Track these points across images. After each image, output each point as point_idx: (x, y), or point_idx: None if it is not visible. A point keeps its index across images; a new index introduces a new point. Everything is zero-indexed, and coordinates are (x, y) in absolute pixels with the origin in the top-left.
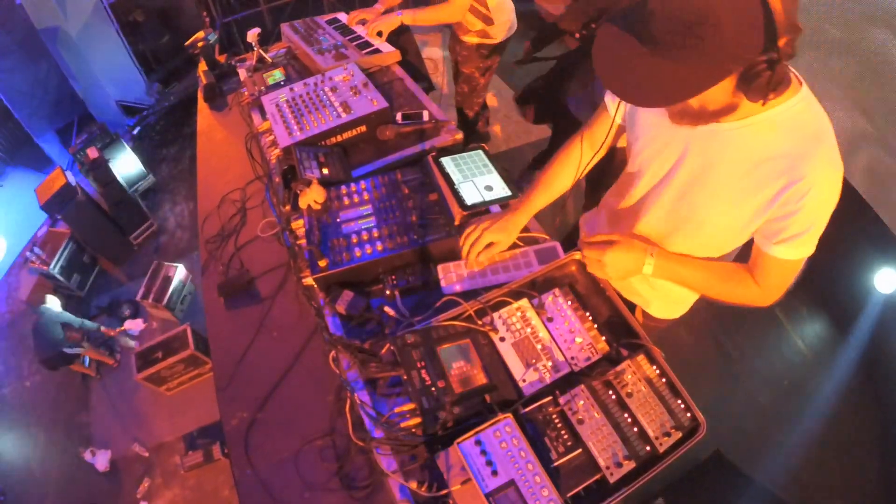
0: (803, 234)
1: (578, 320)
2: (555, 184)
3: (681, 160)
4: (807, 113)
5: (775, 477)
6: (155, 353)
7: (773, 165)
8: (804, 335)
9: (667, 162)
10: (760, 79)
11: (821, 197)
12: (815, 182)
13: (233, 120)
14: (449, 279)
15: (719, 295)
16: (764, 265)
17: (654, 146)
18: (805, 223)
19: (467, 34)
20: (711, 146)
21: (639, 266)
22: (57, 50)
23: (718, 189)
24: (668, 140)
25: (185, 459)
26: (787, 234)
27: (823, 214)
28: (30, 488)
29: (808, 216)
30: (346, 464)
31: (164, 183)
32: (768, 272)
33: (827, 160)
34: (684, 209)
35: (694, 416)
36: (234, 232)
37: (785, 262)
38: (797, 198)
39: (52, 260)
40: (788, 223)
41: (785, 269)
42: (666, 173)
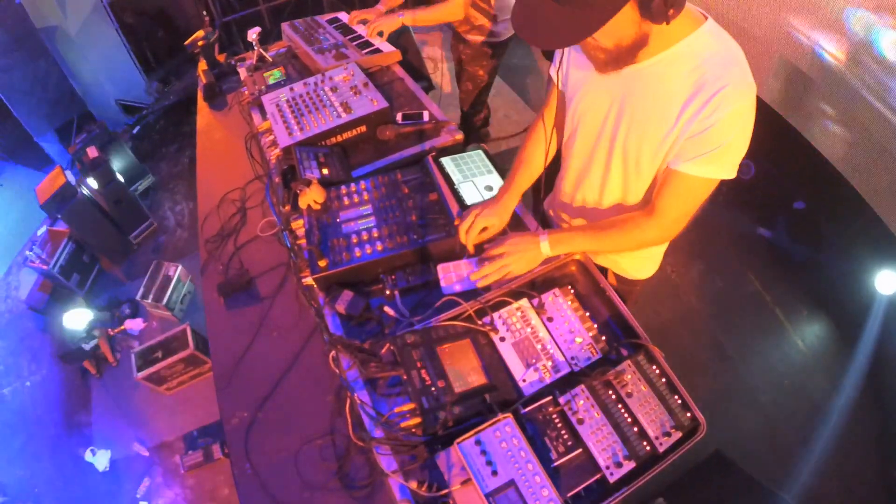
0: (718, 149)
1: (578, 320)
2: (531, 162)
3: (610, 107)
4: (715, 40)
5: (775, 477)
6: (155, 352)
7: (690, 89)
8: (804, 335)
9: (599, 112)
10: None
11: (736, 110)
12: (728, 95)
13: (232, 119)
14: (448, 279)
15: (622, 246)
16: (672, 187)
17: (586, 100)
18: (716, 140)
19: (471, 32)
20: (633, 87)
21: (536, 249)
22: (56, 49)
23: (646, 126)
24: (596, 91)
25: (185, 459)
26: (697, 151)
27: (739, 131)
28: (29, 488)
29: (722, 130)
30: (346, 464)
31: (163, 182)
32: (674, 195)
33: (739, 76)
34: (621, 152)
35: (694, 416)
36: (234, 231)
37: (693, 181)
38: (712, 111)
39: (51, 259)
40: (703, 138)
41: (693, 190)
42: (600, 123)
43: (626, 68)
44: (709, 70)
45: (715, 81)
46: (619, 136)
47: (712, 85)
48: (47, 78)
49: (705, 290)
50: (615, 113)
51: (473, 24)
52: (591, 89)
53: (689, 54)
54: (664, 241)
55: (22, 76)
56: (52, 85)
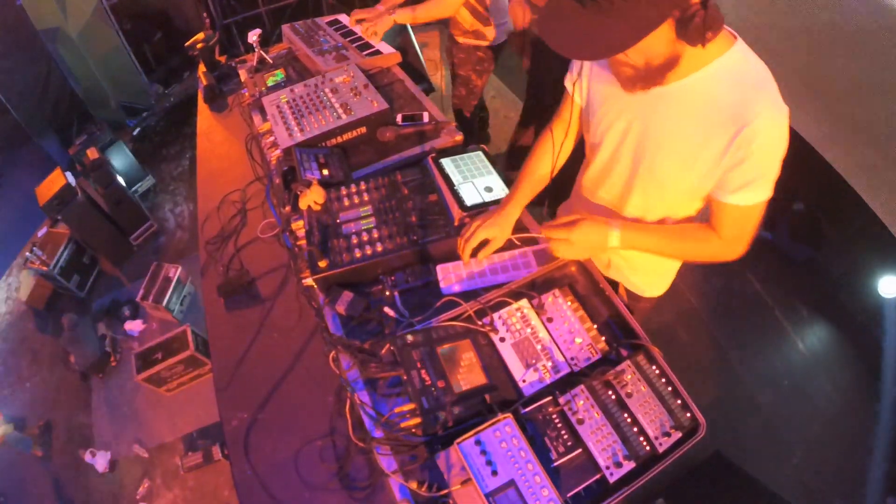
0: (757, 179)
1: (578, 320)
2: (536, 174)
3: (634, 126)
4: (744, 63)
5: (775, 477)
6: (155, 353)
7: (720, 116)
8: (804, 336)
9: (621, 130)
10: (696, 20)
11: (769, 141)
12: (761, 127)
13: (233, 121)
14: (448, 280)
15: (687, 255)
16: (723, 216)
17: (609, 117)
18: (757, 168)
19: (463, 35)
20: (660, 109)
21: (604, 239)
22: (57, 51)
23: (673, 149)
24: (620, 109)
25: (185, 460)
26: (741, 180)
27: (774, 158)
28: (29, 489)
29: (759, 161)
30: (346, 464)
31: (164, 184)
32: (729, 222)
33: (770, 104)
34: (645, 174)
35: (694, 416)
36: (234, 233)
37: (743, 209)
38: (746, 143)
39: (51, 260)
40: (741, 171)
41: (744, 216)
42: (621, 141)
43: (653, 89)
44: (741, 96)
45: (748, 109)
46: (645, 158)
47: (746, 114)
48: (48, 80)
49: (705, 290)
50: (639, 133)
51: (467, 28)
52: (615, 106)
53: (720, 78)
54: (731, 258)
55: (23, 78)
56: (53, 86)
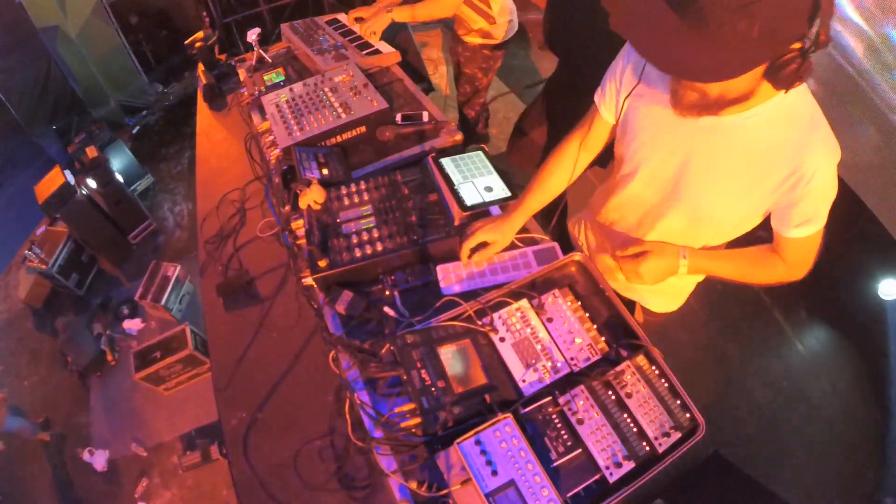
0: (816, 215)
1: (578, 321)
2: (549, 185)
3: (679, 156)
4: (800, 101)
5: (775, 477)
6: (153, 352)
7: (775, 155)
8: (803, 337)
9: (669, 158)
10: (792, 66)
11: (825, 181)
12: (818, 168)
13: (232, 120)
14: (448, 280)
15: (752, 279)
16: (787, 247)
17: (655, 143)
18: (815, 206)
19: (469, 34)
20: (712, 141)
21: (674, 269)
22: (56, 49)
23: (723, 182)
24: (669, 136)
25: (184, 459)
26: (801, 218)
27: (830, 195)
28: (28, 488)
29: (816, 200)
30: (346, 464)
31: (163, 183)
32: (793, 252)
33: (825, 144)
34: (684, 204)
35: (693, 417)
36: (234, 232)
37: (805, 240)
38: (803, 184)
39: (50, 259)
40: (800, 209)
41: (806, 244)
42: (666, 168)
43: (705, 119)
44: (797, 136)
45: (805, 150)
46: (688, 190)
47: (803, 154)
48: (47, 78)
49: (705, 291)
50: (686, 165)
51: (471, 26)
52: (662, 132)
53: (777, 117)
54: (796, 280)
55: (22, 76)
56: (52, 85)
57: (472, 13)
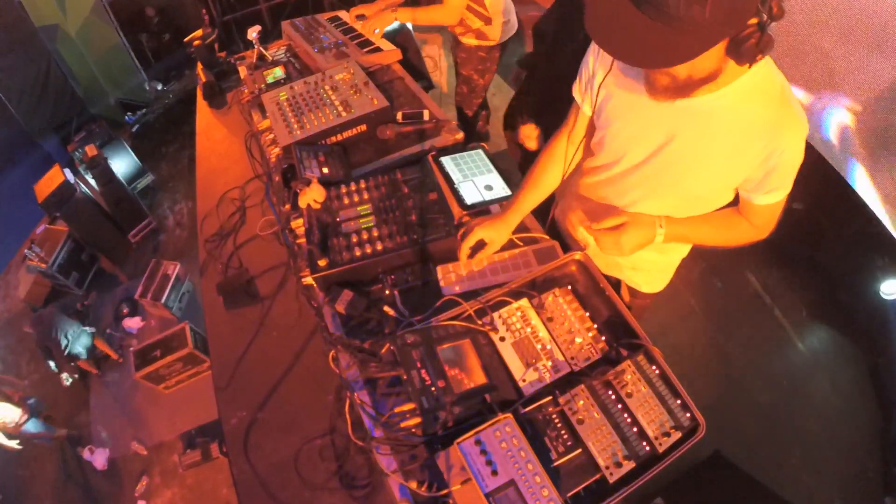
0: (784, 183)
1: (578, 320)
2: (543, 182)
3: (662, 139)
4: (770, 76)
5: (775, 477)
6: (153, 351)
7: (750, 132)
8: (803, 336)
9: (648, 142)
10: (751, 41)
11: (795, 152)
12: (789, 142)
13: (232, 118)
14: (448, 280)
15: (721, 241)
16: (755, 212)
17: (632, 128)
18: (785, 175)
19: (465, 35)
20: (692, 123)
21: (651, 237)
22: (56, 48)
23: (703, 162)
24: (646, 120)
25: (184, 458)
26: (770, 186)
27: (797, 164)
28: (28, 487)
29: (786, 170)
30: (346, 463)
31: (163, 181)
32: (760, 216)
33: (796, 119)
34: (670, 184)
35: (693, 417)
36: (234, 231)
37: (772, 206)
38: (776, 156)
39: (50, 258)
40: (771, 178)
41: (772, 209)
42: (650, 153)
43: (680, 101)
44: (771, 112)
45: (779, 124)
46: (671, 170)
47: (777, 128)
48: (47, 77)
49: (705, 290)
50: (664, 145)
51: (469, 27)
52: (639, 116)
53: (750, 93)
54: (761, 239)
55: (22, 75)
56: (52, 84)
57: (468, 13)
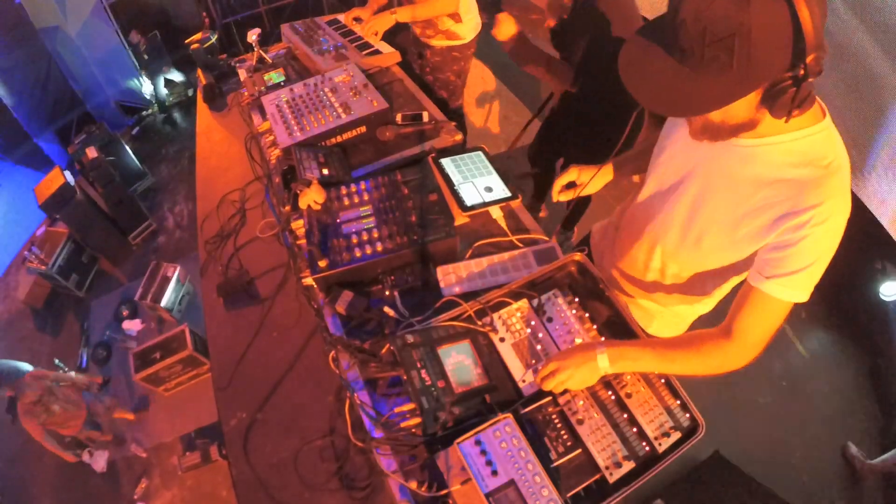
0: (799, 272)
1: (578, 321)
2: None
3: (692, 174)
4: (825, 144)
5: (775, 477)
6: (153, 353)
7: (780, 189)
8: (802, 338)
9: (679, 175)
10: (785, 95)
11: (823, 232)
12: (819, 214)
13: (232, 120)
14: (448, 280)
15: (694, 369)
16: (749, 304)
17: (673, 160)
18: (802, 259)
19: (436, 37)
20: (721, 161)
21: (593, 364)
22: (56, 50)
23: (721, 205)
24: (685, 154)
25: (183, 460)
26: (781, 269)
27: (823, 253)
28: (28, 488)
29: (806, 251)
30: (346, 464)
31: (163, 183)
32: (752, 313)
33: (837, 194)
34: (684, 220)
35: (693, 417)
36: (234, 232)
37: (772, 303)
38: (798, 227)
39: (50, 259)
40: (784, 255)
41: (770, 311)
42: (677, 186)
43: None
44: (807, 177)
45: (812, 191)
46: (688, 204)
47: (809, 195)
48: (47, 79)
49: None
50: (692, 178)
51: (438, 28)
52: (680, 149)
53: (794, 152)
54: (739, 367)
55: (22, 77)
56: (52, 86)
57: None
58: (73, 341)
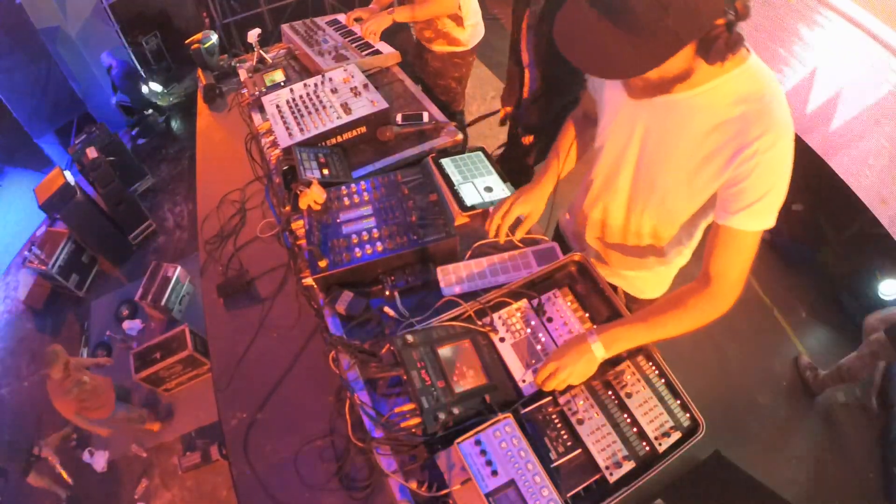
0: (760, 199)
1: (577, 321)
2: (571, 152)
3: (637, 133)
4: (757, 78)
5: (775, 477)
6: (153, 353)
7: (726, 130)
8: (803, 336)
9: (624, 136)
10: (719, 41)
11: (773, 157)
12: (764, 142)
13: (232, 120)
14: (448, 281)
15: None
16: (720, 244)
17: (615, 121)
18: (760, 187)
19: (436, 41)
20: (667, 118)
21: (589, 355)
22: (57, 50)
23: (676, 159)
24: (626, 114)
25: (183, 460)
26: (743, 201)
27: (779, 178)
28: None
29: (762, 179)
30: (346, 464)
31: (163, 183)
32: (725, 252)
33: (778, 120)
34: (645, 181)
35: (693, 416)
36: (234, 232)
37: (742, 236)
38: (748, 159)
39: (50, 259)
40: (743, 188)
41: (742, 245)
42: (625, 147)
43: (659, 97)
44: (747, 114)
45: (755, 123)
46: (644, 166)
47: (753, 127)
48: (47, 79)
49: None
50: (640, 141)
51: (439, 30)
52: (620, 109)
53: (729, 93)
54: (725, 311)
55: (22, 77)
56: (52, 86)
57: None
58: (73, 341)
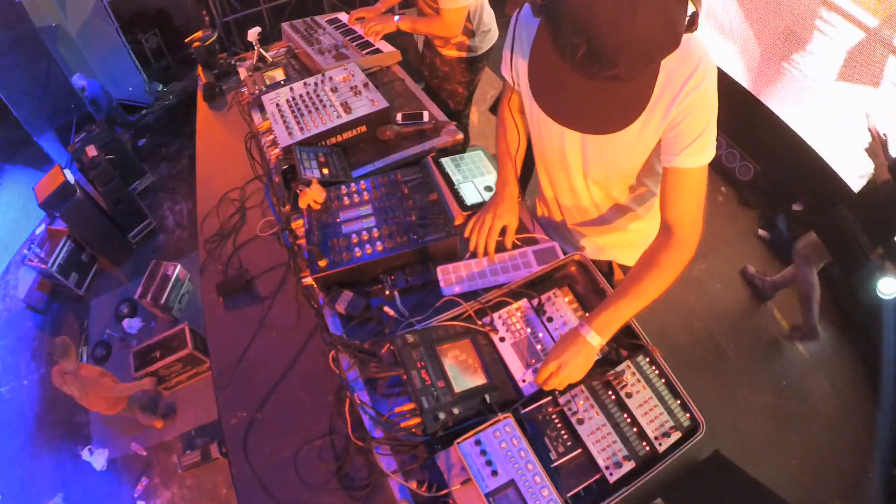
0: (700, 135)
1: (577, 321)
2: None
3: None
4: None
5: (775, 477)
6: (153, 352)
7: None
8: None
9: None
10: None
11: (704, 92)
12: (692, 81)
13: (232, 119)
14: (448, 280)
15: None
16: (671, 187)
17: None
18: (698, 124)
19: (447, 47)
20: None
21: (586, 347)
22: (57, 49)
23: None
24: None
25: (183, 459)
26: (685, 140)
27: (712, 110)
28: (28, 487)
29: (699, 116)
30: (346, 464)
31: (163, 182)
32: (677, 195)
33: (700, 60)
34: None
35: (693, 417)
36: (234, 231)
37: (690, 175)
38: (682, 101)
39: (50, 258)
40: (683, 128)
41: (691, 183)
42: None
43: None
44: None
45: (681, 69)
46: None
47: (679, 73)
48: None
49: (705, 290)
50: None
51: (451, 39)
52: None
53: None
54: (692, 254)
55: (22, 76)
56: (52, 84)
57: None
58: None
